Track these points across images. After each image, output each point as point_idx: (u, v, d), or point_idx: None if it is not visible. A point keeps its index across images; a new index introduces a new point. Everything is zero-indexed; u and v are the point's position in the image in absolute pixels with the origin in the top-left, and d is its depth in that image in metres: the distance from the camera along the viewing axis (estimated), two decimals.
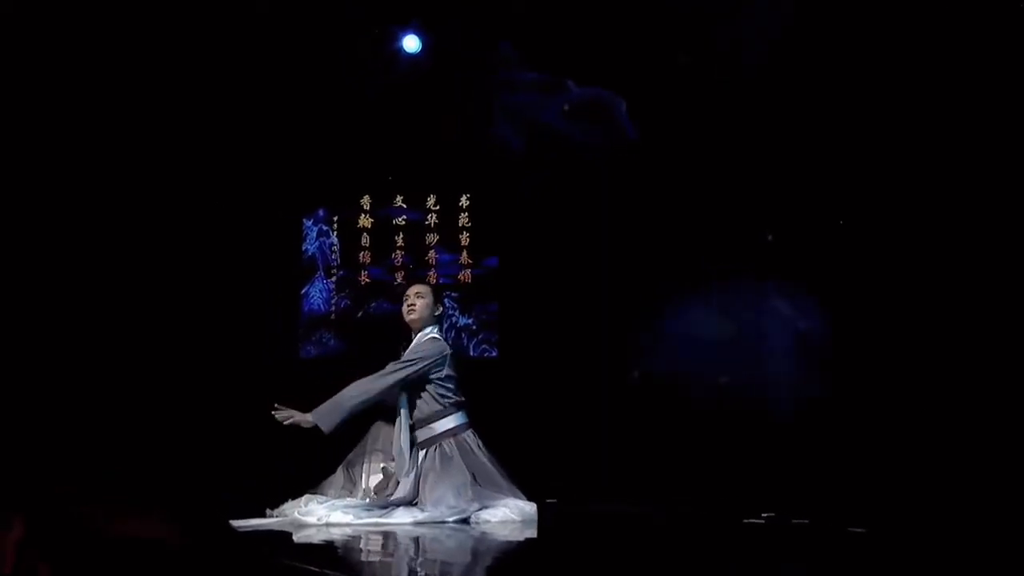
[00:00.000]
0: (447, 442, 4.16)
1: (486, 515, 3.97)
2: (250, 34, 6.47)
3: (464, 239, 7.24)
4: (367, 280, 7.29)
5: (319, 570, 2.56)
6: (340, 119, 6.99)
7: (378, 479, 4.13)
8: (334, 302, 7.28)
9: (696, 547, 3.36)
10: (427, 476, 4.06)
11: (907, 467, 5.12)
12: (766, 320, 5.85)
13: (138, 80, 6.45)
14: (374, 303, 7.25)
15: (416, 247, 7.28)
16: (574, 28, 6.30)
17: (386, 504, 4.00)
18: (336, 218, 7.33)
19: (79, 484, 5.31)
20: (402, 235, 7.29)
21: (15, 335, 6.10)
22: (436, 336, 4.35)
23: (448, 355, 4.29)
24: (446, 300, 7.17)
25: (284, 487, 4.22)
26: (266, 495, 4.15)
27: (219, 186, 6.89)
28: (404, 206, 7.32)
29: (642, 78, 6.28)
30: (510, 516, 3.98)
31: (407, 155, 7.13)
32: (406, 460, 4.08)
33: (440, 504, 3.95)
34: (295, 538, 3.44)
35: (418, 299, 4.37)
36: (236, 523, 3.70)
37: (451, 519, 3.92)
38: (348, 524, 3.81)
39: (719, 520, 4.14)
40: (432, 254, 7.25)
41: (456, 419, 4.23)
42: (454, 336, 7.10)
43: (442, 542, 3.43)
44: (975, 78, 5.32)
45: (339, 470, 4.21)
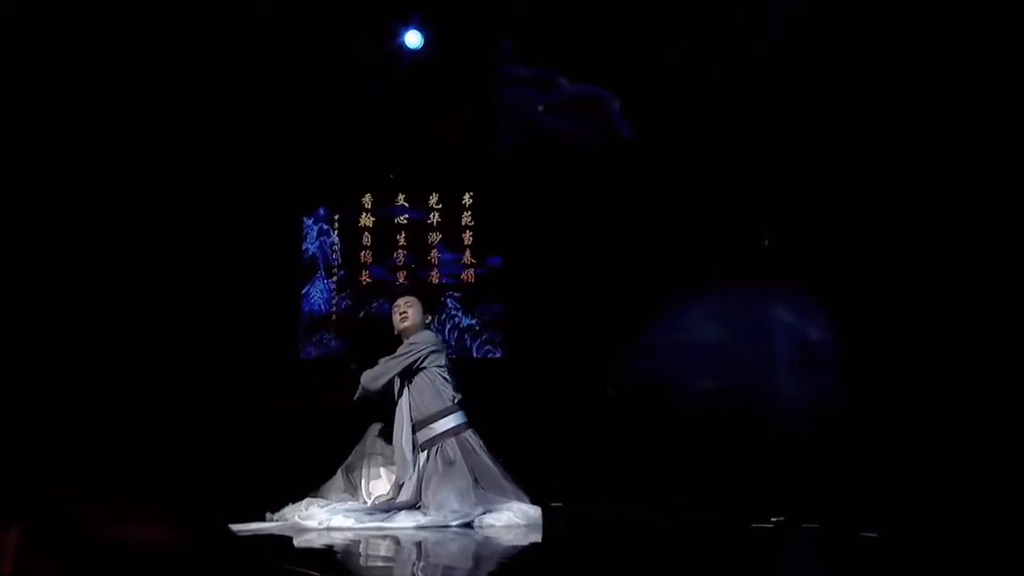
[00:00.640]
0: (448, 443, 4.15)
1: (490, 519, 3.97)
2: (251, 33, 6.48)
3: (467, 238, 7.23)
4: (368, 280, 7.29)
5: (319, 575, 2.55)
6: (341, 116, 6.99)
7: (378, 482, 4.12)
8: (335, 302, 7.28)
9: (705, 552, 3.35)
10: (429, 480, 4.06)
11: (916, 469, 5.10)
12: (770, 322, 5.84)
13: (139, 80, 6.46)
14: (376, 303, 7.24)
15: (418, 246, 7.27)
16: (574, 28, 6.31)
17: (388, 508, 3.99)
18: (337, 217, 7.33)
19: (79, 485, 5.31)
20: (404, 234, 7.29)
21: (15, 335, 6.09)
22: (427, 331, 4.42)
23: (443, 345, 4.36)
24: (449, 300, 7.17)
25: (283, 488, 4.21)
26: (266, 496, 4.14)
27: (219, 184, 6.89)
28: (406, 204, 7.31)
29: (645, 78, 6.26)
30: (514, 520, 3.97)
31: (409, 153, 7.12)
32: (409, 464, 4.07)
33: (443, 508, 3.96)
34: (296, 542, 3.44)
35: (408, 307, 4.46)
36: (236, 527, 3.69)
37: (454, 523, 3.91)
38: (349, 528, 3.82)
39: (726, 524, 4.12)
40: (434, 253, 7.24)
41: (456, 418, 4.23)
42: (457, 337, 7.09)
43: (445, 546, 3.42)
44: (984, 74, 5.30)
45: (339, 473, 4.23)
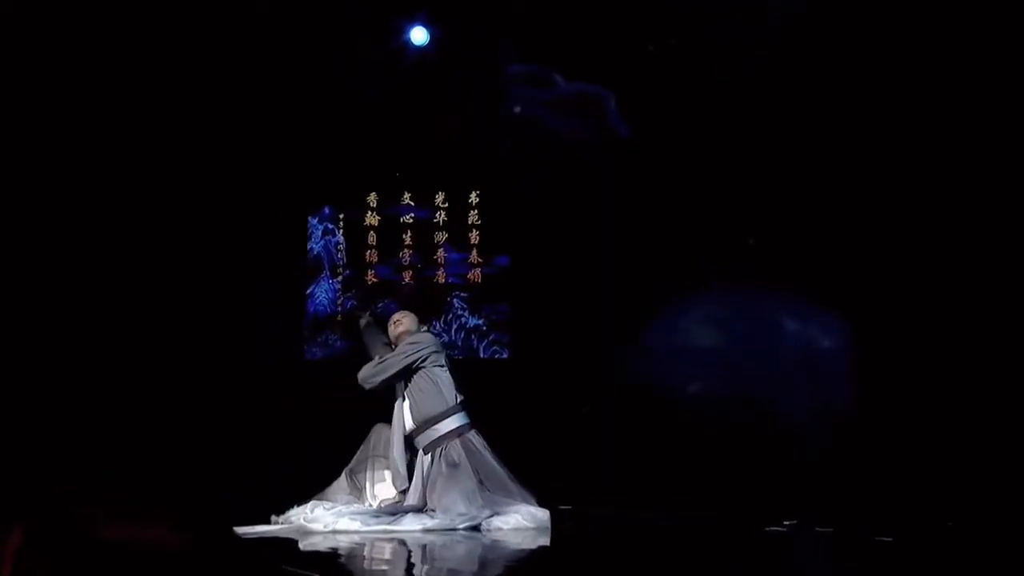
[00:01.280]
0: (452, 445, 4.16)
1: (498, 522, 3.97)
2: (254, 32, 6.50)
3: (474, 237, 7.23)
4: (374, 280, 7.30)
5: None
6: (345, 115, 7.00)
7: (383, 486, 4.14)
8: (340, 302, 7.29)
9: (720, 555, 3.34)
10: (435, 482, 4.08)
11: (923, 471, 5.10)
12: (774, 323, 5.83)
13: (143, 79, 6.50)
14: (381, 303, 7.24)
15: (424, 246, 7.27)
16: (574, 29, 6.33)
17: (394, 511, 4.00)
18: (342, 216, 7.34)
19: (79, 485, 5.34)
20: (410, 233, 7.29)
21: (18, 335, 6.12)
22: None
23: (443, 346, 4.43)
24: (455, 300, 7.17)
25: (287, 490, 4.22)
26: (268, 497, 4.15)
27: (223, 184, 6.90)
28: (412, 204, 7.32)
29: (646, 78, 6.27)
30: (522, 523, 3.98)
31: (415, 151, 7.12)
32: (403, 477, 4.10)
33: (450, 511, 3.97)
34: (301, 545, 3.45)
35: (403, 317, 4.60)
36: (241, 530, 3.69)
37: (461, 526, 3.93)
38: (355, 531, 3.82)
39: (737, 527, 4.11)
40: (441, 253, 7.24)
41: (459, 419, 4.25)
42: (464, 337, 7.10)
43: (452, 549, 3.43)
44: (993, 71, 5.32)
45: (343, 476, 4.24)
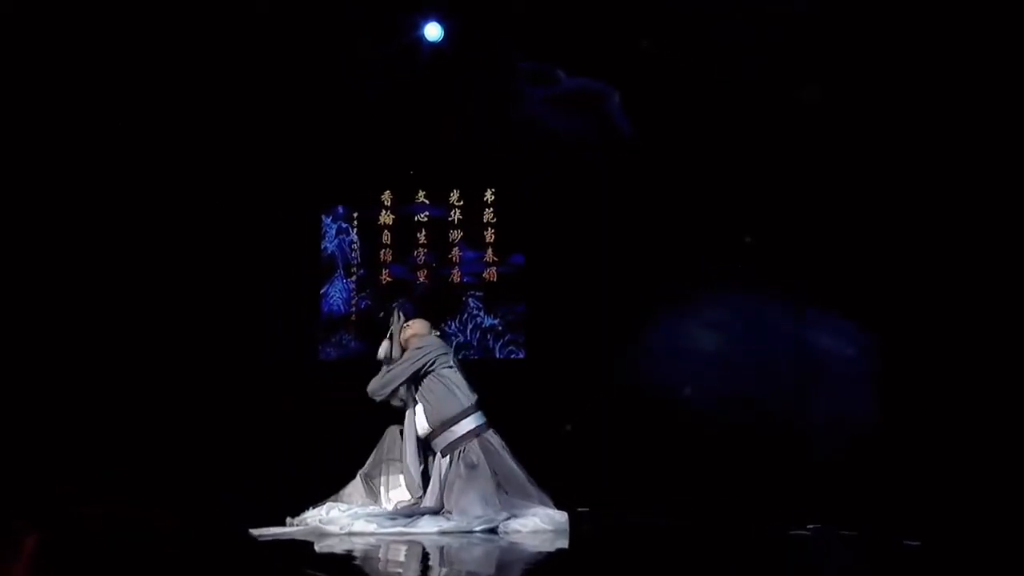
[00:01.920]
0: (471, 446, 4.17)
1: (515, 524, 3.98)
2: (268, 30, 6.53)
3: (489, 236, 7.24)
4: (388, 279, 7.32)
5: None
6: (359, 113, 7.02)
7: (399, 489, 4.16)
8: (354, 302, 7.31)
9: (742, 559, 3.33)
10: (453, 484, 4.09)
11: (946, 476, 5.08)
12: (792, 329, 5.83)
13: (156, 77, 6.56)
14: (396, 303, 7.23)
15: (439, 245, 7.30)
16: (575, 28, 6.35)
17: (411, 513, 4.02)
18: (356, 215, 7.37)
19: (82, 484, 5.43)
20: (424, 232, 7.32)
21: (27, 335, 6.19)
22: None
23: (450, 347, 4.49)
24: (470, 300, 7.18)
25: (302, 491, 4.23)
26: (281, 497, 4.16)
27: (236, 184, 6.94)
28: (426, 202, 7.34)
29: (650, 78, 6.28)
30: (540, 526, 3.98)
31: (429, 149, 7.13)
32: (417, 485, 4.13)
33: (467, 513, 3.97)
34: (317, 547, 3.46)
35: (415, 322, 4.65)
36: (256, 531, 3.71)
37: (478, 528, 3.94)
38: (371, 533, 3.83)
39: (752, 530, 4.09)
40: (456, 252, 7.26)
41: (476, 419, 4.26)
42: (479, 337, 7.10)
43: (469, 552, 3.44)
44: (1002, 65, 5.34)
45: (358, 478, 4.24)
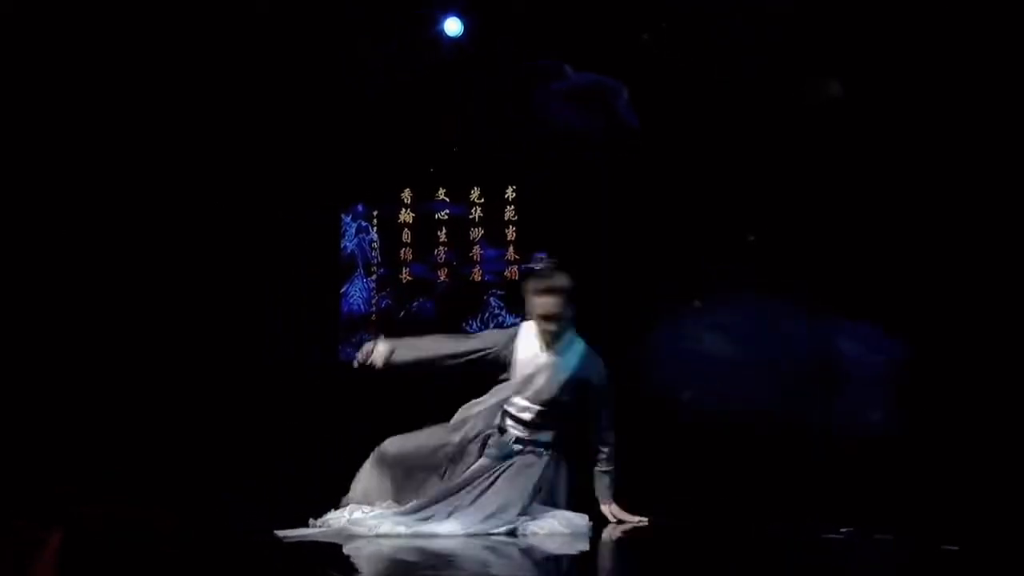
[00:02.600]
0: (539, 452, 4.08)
1: (533, 527, 3.97)
2: (286, 26, 6.54)
3: (511, 233, 7.24)
4: (409, 278, 7.33)
5: None
6: (378, 109, 7.02)
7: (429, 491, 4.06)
8: (374, 302, 7.32)
9: (775, 562, 3.29)
10: (499, 479, 3.99)
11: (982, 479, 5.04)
12: (814, 334, 5.81)
13: (170, 73, 6.61)
14: (416, 302, 7.26)
15: (460, 243, 7.30)
16: (575, 27, 6.42)
17: (434, 511, 3.95)
18: (376, 213, 7.38)
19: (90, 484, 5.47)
20: (445, 230, 7.32)
21: (35, 333, 6.27)
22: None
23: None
24: (492, 299, 7.16)
25: (325, 490, 4.23)
26: (306, 498, 4.15)
27: (253, 182, 6.94)
28: (447, 200, 7.34)
29: (657, 77, 6.29)
30: (558, 528, 3.95)
31: (449, 146, 7.12)
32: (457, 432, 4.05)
33: (500, 514, 3.91)
34: (344, 550, 3.43)
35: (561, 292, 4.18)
36: (282, 533, 3.70)
37: (500, 530, 3.90)
38: (399, 535, 3.81)
39: (775, 534, 4.05)
40: (477, 250, 7.27)
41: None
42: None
43: (498, 553, 3.39)
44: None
45: (384, 478, 4.12)
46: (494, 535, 3.87)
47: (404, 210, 7.35)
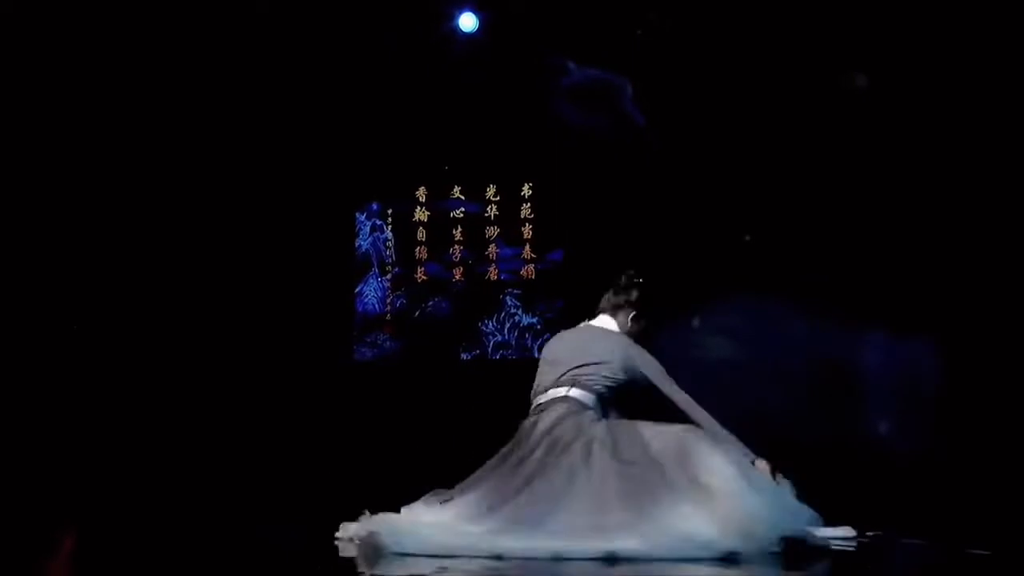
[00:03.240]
0: None
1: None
2: (296, 20, 6.53)
3: (527, 232, 7.23)
4: (424, 277, 7.32)
5: None
6: (392, 106, 7.01)
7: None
8: (389, 301, 7.30)
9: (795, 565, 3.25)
10: (603, 495, 3.46)
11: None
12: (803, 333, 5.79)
13: (184, 71, 6.63)
14: (432, 302, 7.24)
15: (475, 241, 7.30)
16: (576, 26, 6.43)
17: (522, 524, 3.40)
18: (390, 212, 7.38)
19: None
20: (460, 228, 7.31)
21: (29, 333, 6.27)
22: None
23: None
24: (508, 298, 7.14)
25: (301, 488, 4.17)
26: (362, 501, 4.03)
27: (266, 181, 6.94)
28: (462, 198, 7.34)
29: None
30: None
31: (464, 142, 7.10)
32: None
33: (607, 533, 3.30)
34: (396, 562, 3.29)
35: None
36: (342, 534, 3.68)
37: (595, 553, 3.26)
38: (459, 548, 3.35)
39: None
40: (493, 248, 7.25)
41: None
42: (517, 336, 7.07)
43: None
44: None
45: (462, 491, 3.69)
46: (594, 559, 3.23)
47: (419, 208, 7.36)
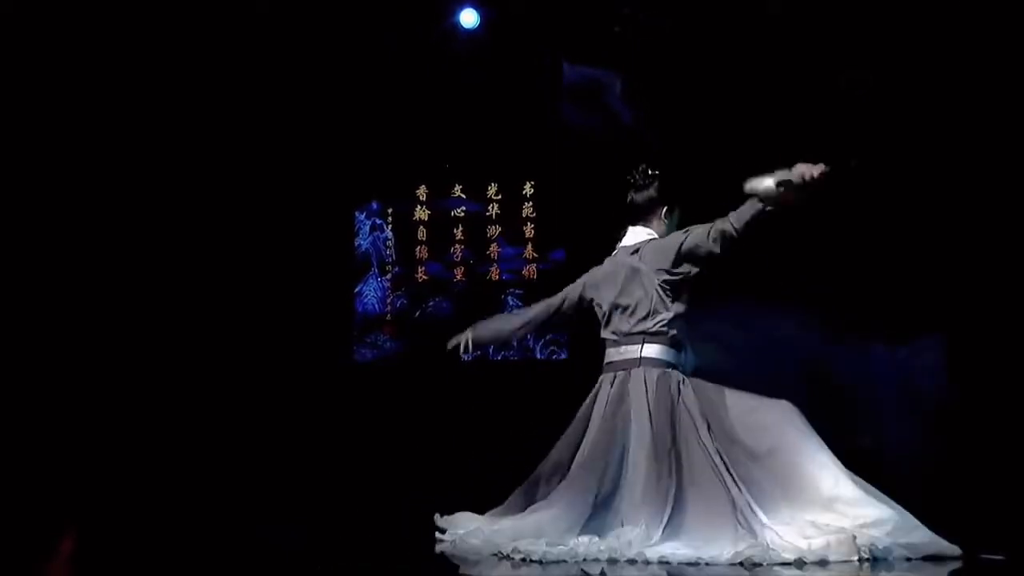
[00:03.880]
0: None
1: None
2: (296, 19, 6.52)
3: (529, 231, 7.25)
4: (424, 277, 7.31)
5: None
6: (392, 104, 6.99)
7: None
8: (389, 301, 7.28)
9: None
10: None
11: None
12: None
13: (183, 72, 6.58)
14: (432, 301, 7.23)
15: (477, 241, 7.31)
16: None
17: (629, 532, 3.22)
18: (390, 211, 7.37)
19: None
20: (461, 228, 7.31)
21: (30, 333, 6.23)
22: None
23: None
24: (509, 298, 7.13)
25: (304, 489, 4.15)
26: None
27: (265, 179, 6.92)
28: (463, 196, 7.35)
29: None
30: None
31: (465, 141, 7.10)
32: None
33: (715, 540, 3.14)
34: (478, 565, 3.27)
35: None
36: (442, 535, 3.70)
37: (721, 560, 3.10)
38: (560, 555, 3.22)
39: None
40: (494, 248, 7.26)
41: None
42: (519, 338, 7.02)
43: None
44: None
45: (554, 495, 3.52)
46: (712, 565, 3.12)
47: (419, 207, 7.34)
